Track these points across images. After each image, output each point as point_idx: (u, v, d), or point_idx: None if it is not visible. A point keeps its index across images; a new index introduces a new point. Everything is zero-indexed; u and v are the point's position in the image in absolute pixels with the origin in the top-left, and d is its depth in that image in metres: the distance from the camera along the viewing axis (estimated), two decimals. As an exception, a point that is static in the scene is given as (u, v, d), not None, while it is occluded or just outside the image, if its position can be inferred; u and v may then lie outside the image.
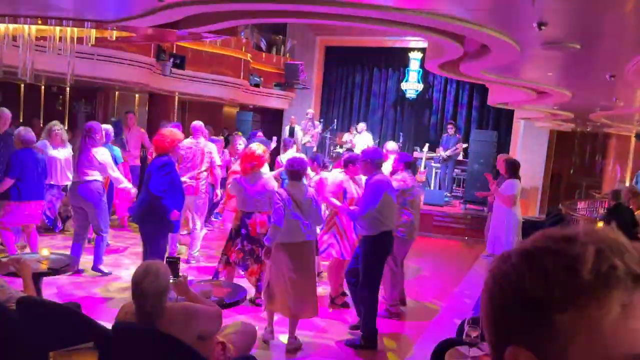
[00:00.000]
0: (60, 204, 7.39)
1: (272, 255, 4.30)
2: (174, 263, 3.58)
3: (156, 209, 4.64)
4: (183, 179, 6.93)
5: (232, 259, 5.02)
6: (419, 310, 5.76)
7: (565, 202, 9.70)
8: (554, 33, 3.48)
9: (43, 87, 11.99)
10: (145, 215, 4.79)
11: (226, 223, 6.67)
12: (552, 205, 11.77)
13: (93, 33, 4.24)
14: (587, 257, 0.61)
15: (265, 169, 5.40)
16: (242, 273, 5.28)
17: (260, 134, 10.00)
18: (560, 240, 0.65)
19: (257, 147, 5.01)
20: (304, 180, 4.56)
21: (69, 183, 6.08)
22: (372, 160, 4.41)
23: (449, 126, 11.77)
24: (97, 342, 2.68)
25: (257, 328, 3.77)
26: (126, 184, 6.07)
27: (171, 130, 4.99)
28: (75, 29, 4.19)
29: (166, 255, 4.86)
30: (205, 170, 6.62)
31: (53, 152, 6.92)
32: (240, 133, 7.50)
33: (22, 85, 11.71)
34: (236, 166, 6.21)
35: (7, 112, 6.41)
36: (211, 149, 6.66)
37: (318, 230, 5.81)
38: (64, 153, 7.01)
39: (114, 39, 4.29)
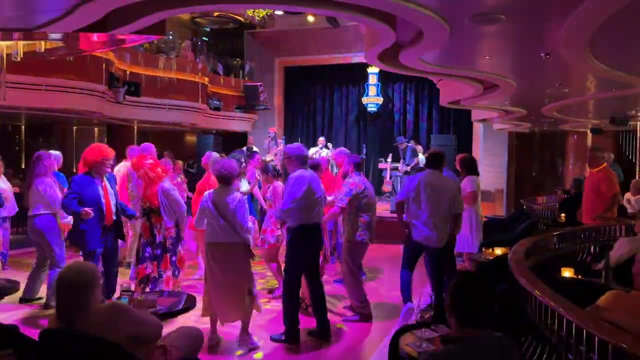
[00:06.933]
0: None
1: (205, 257, 4.31)
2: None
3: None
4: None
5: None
6: (386, 310, 5.68)
7: (527, 199, 9.83)
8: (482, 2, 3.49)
9: (-3, 126, 11.73)
10: None
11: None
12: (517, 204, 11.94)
13: (20, 45, 4.14)
14: None
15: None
16: None
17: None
18: None
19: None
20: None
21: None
22: (295, 156, 4.54)
23: (399, 138, 12.07)
24: (23, 352, 2.56)
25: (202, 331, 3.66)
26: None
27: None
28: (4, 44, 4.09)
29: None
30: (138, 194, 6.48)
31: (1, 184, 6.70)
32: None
33: (-25, 126, 11.45)
34: None
35: None
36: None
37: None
38: (7, 184, 6.82)
39: (43, 50, 4.18)
